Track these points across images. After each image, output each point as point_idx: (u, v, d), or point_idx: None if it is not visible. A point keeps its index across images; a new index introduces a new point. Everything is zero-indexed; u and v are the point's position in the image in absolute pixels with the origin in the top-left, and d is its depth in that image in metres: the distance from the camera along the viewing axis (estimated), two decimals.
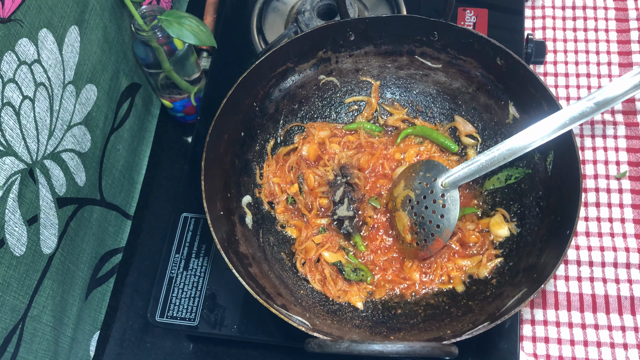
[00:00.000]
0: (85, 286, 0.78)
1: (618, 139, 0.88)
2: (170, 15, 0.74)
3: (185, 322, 0.73)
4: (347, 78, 0.82)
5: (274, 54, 0.74)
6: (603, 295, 0.79)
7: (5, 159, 0.57)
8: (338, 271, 0.73)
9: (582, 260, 0.81)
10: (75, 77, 0.70)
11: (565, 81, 0.94)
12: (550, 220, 0.68)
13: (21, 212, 0.60)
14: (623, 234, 0.82)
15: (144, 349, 0.81)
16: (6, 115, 0.57)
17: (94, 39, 0.73)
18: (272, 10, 0.95)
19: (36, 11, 0.60)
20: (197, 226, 0.79)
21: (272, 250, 0.74)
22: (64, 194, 0.69)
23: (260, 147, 0.79)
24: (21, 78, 0.58)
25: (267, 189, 0.78)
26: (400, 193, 0.74)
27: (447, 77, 0.79)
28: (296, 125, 0.81)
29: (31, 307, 0.64)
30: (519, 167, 0.74)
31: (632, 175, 0.86)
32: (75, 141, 0.71)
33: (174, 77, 0.83)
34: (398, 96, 0.83)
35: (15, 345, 0.62)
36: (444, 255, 0.73)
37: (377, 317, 0.70)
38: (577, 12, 0.99)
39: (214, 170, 0.69)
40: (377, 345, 0.51)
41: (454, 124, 0.80)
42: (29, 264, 0.62)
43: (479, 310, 0.66)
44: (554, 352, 0.77)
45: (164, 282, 0.76)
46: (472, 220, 0.75)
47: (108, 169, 0.82)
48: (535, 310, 0.79)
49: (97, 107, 0.76)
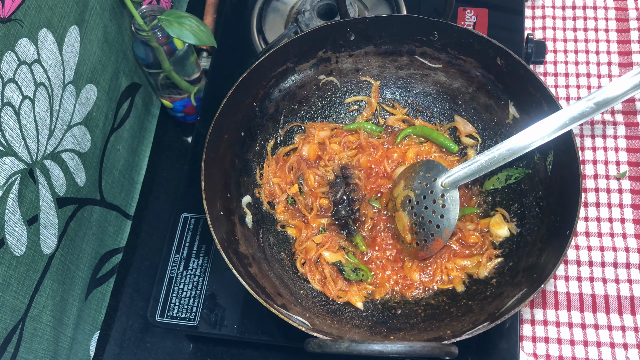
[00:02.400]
0: (85, 286, 0.78)
1: (618, 139, 0.88)
2: (170, 15, 0.74)
3: (185, 322, 0.73)
4: (347, 78, 0.82)
5: (274, 54, 0.74)
6: (603, 295, 0.79)
7: (5, 159, 0.57)
8: (338, 271, 0.73)
9: (582, 260, 0.81)
10: (75, 77, 0.70)
11: (565, 81, 0.94)
12: (550, 220, 0.68)
13: (21, 212, 0.60)
14: (623, 234, 0.82)
15: (144, 349, 0.81)
16: (6, 115, 0.57)
17: (94, 39, 0.73)
18: (272, 10, 0.95)
19: (36, 11, 0.60)
20: (197, 226, 0.79)
21: (272, 250, 0.74)
22: (64, 194, 0.69)
23: (260, 147, 0.79)
24: (21, 78, 0.58)
25: (267, 189, 0.78)
26: (400, 193, 0.74)
27: (447, 77, 0.79)
28: (296, 125, 0.81)
29: (31, 307, 0.64)
30: (519, 167, 0.74)
31: (632, 175, 0.86)
32: (75, 141, 0.71)
33: (174, 77, 0.83)
34: (398, 96, 0.83)
35: (15, 345, 0.62)
36: (444, 255, 0.73)
37: (377, 317, 0.70)
38: (577, 12, 0.99)
39: (214, 170, 0.69)
40: (377, 345, 0.51)
41: (454, 124, 0.80)
42: (29, 264, 0.62)
43: (479, 310, 0.66)
44: (554, 352, 0.77)
45: (164, 282, 0.76)
46: (472, 220, 0.75)
47: (108, 169, 0.82)
48: (535, 310, 0.79)
49: (97, 107, 0.76)
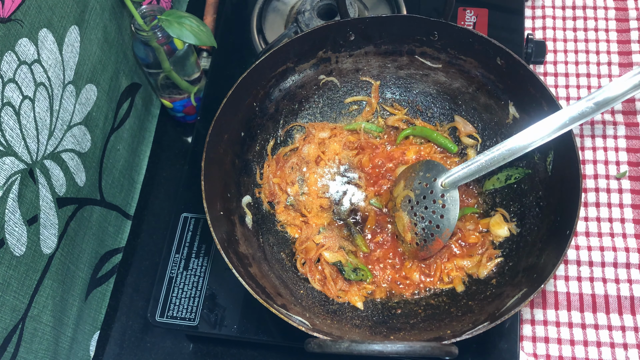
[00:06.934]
0: (85, 286, 0.78)
1: (618, 139, 0.88)
2: (170, 15, 0.74)
3: (185, 322, 0.73)
4: (347, 78, 0.82)
5: (274, 54, 0.74)
6: (603, 295, 0.79)
7: (5, 159, 0.57)
8: (338, 271, 0.73)
9: (582, 260, 0.81)
10: (75, 77, 0.70)
11: (565, 81, 0.94)
12: (550, 220, 0.68)
13: (21, 212, 0.60)
14: (623, 234, 0.82)
15: (144, 349, 0.81)
16: (6, 115, 0.57)
17: (94, 39, 0.73)
18: (272, 10, 0.95)
19: (36, 11, 0.60)
20: (197, 226, 0.79)
21: (272, 250, 0.74)
22: (64, 194, 0.69)
23: (260, 147, 0.79)
24: (21, 78, 0.58)
25: (267, 189, 0.78)
26: (400, 193, 0.74)
27: (447, 77, 0.79)
28: (296, 125, 0.81)
29: (31, 307, 0.64)
30: (519, 167, 0.74)
31: (632, 175, 0.86)
32: (75, 141, 0.71)
33: (174, 77, 0.83)
34: (398, 96, 0.83)
35: (15, 345, 0.62)
36: (444, 256, 0.73)
37: (377, 317, 0.70)
38: (577, 12, 0.99)
39: (214, 170, 0.69)
40: (377, 345, 0.51)
41: (454, 124, 0.80)
42: (29, 264, 0.62)
43: (479, 310, 0.66)
44: (554, 352, 0.77)
45: (164, 282, 0.76)
46: (472, 220, 0.75)
47: (108, 169, 0.82)
48: (535, 310, 0.79)
49: (97, 107, 0.76)
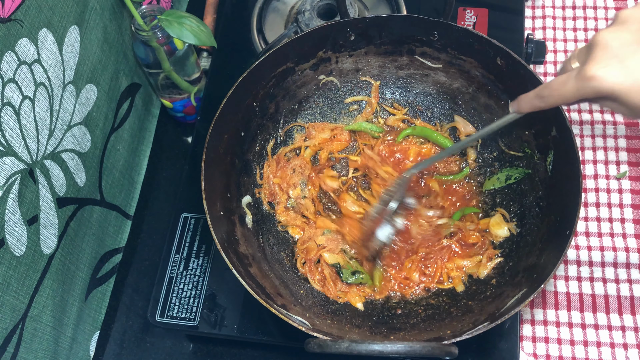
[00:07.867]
0: (85, 286, 0.78)
1: (618, 139, 0.88)
2: (170, 15, 0.74)
3: (185, 322, 0.73)
4: (347, 78, 0.82)
5: (274, 54, 0.74)
6: (603, 295, 0.79)
7: (5, 159, 0.57)
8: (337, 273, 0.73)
9: (582, 260, 0.81)
10: (75, 77, 0.70)
11: None
12: (550, 220, 0.67)
13: (21, 212, 0.60)
14: (623, 234, 0.82)
15: (144, 349, 0.81)
16: (6, 115, 0.57)
17: (94, 39, 0.73)
18: (272, 10, 0.95)
19: (36, 11, 0.60)
20: (197, 226, 0.79)
21: (272, 250, 0.74)
22: (64, 194, 0.69)
23: (260, 147, 0.79)
24: (21, 78, 0.58)
25: (267, 189, 0.78)
26: None
27: (447, 77, 0.79)
28: (296, 125, 0.81)
29: (31, 307, 0.64)
30: (519, 167, 0.74)
31: (632, 175, 0.86)
32: (75, 141, 0.71)
33: (174, 77, 0.83)
34: (398, 96, 0.83)
35: (15, 345, 0.62)
36: (444, 255, 0.73)
37: (377, 317, 0.70)
38: (577, 12, 0.99)
39: (214, 170, 0.69)
40: (377, 345, 0.51)
41: (454, 124, 0.80)
42: (29, 264, 0.62)
43: (479, 310, 0.65)
44: (554, 352, 0.77)
45: (164, 282, 0.76)
46: (472, 220, 0.75)
47: (108, 169, 0.81)
48: (535, 310, 0.79)
49: (97, 107, 0.76)
